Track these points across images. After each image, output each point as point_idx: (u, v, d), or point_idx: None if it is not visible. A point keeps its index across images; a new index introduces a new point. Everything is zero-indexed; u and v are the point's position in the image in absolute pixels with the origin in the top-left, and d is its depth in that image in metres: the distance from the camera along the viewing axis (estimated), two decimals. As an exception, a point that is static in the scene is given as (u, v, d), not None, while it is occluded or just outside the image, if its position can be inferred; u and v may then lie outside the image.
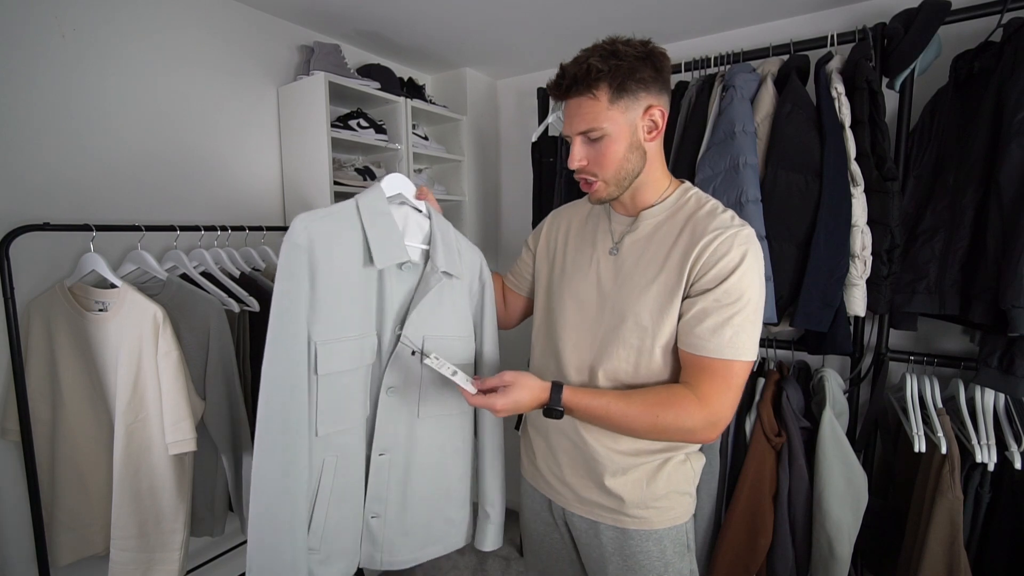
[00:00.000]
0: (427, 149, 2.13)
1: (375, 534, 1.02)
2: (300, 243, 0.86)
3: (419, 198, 1.03)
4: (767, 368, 1.70)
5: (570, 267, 1.04)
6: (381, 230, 0.93)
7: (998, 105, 1.27)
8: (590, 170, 0.92)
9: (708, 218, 0.90)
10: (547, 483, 1.06)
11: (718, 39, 1.93)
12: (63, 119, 1.34)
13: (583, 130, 0.89)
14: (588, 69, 0.85)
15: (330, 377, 0.90)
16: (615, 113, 0.87)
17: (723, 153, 1.45)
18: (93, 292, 1.26)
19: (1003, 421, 1.35)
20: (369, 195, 0.96)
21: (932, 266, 1.37)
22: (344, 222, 0.92)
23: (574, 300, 1.00)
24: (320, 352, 0.88)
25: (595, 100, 0.87)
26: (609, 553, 0.98)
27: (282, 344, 0.86)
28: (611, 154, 0.89)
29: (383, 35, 1.96)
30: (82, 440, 1.26)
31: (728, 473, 1.55)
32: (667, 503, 0.97)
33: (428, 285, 0.98)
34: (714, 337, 0.84)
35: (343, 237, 0.91)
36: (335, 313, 0.90)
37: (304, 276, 0.86)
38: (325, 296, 0.88)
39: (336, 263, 0.89)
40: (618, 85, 0.86)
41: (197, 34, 1.60)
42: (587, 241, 1.03)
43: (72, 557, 1.26)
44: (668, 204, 0.95)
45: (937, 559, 1.31)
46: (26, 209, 1.28)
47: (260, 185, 1.80)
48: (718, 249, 0.85)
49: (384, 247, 0.93)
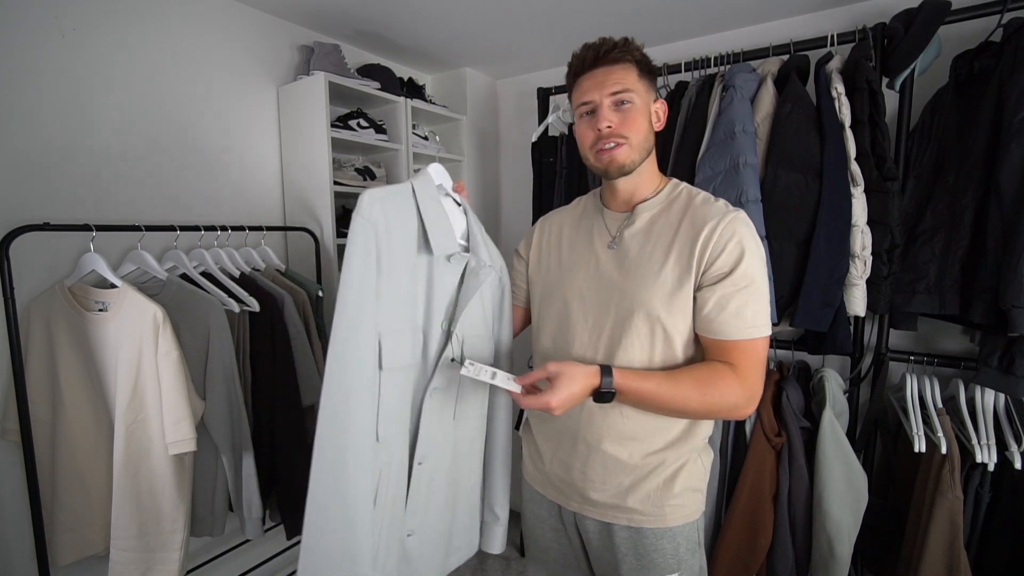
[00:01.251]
0: (427, 149, 2.13)
1: (410, 553, 0.94)
2: (372, 219, 0.80)
3: (458, 190, 1.01)
4: (767, 368, 1.70)
5: (569, 265, 1.03)
6: (437, 217, 0.89)
7: (998, 105, 1.27)
8: (620, 131, 0.92)
9: (704, 207, 0.93)
10: (557, 489, 1.04)
11: (718, 39, 1.93)
12: (63, 119, 1.34)
13: (616, 91, 0.91)
14: (627, 43, 0.91)
15: (392, 372, 0.83)
16: (642, 88, 0.93)
17: (723, 153, 1.45)
18: (93, 292, 1.26)
19: (1003, 421, 1.35)
20: (421, 180, 0.92)
21: (932, 266, 1.36)
22: (403, 204, 0.87)
23: (578, 298, 0.99)
24: (384, 343, 0.81)
25: (628, 69, 0.91)
26: (623, 554, 0.97)
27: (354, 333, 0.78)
28: (638, 120, 0.92)
29: (383, 35, 1.96)
30: (82, 440, 1.26)
31: (728, 473, 1.55)
32: (681, 500, 0.96)
33: (479, 279, 0.93)
34: (737, 320, 0.87)
35: (403, 219, 0.86)
36: (395, 299, 0.83)
37: (373, 252, 0.80)
38: (388, 280, 0.82)
39: (396, 245, 0.84)
40: (646, 67, 0.94)
41: (197, 34, 1.61)
42: (583, 239, 1.04)
43: (72, 557, 1.26)
44: (662, 197, 0.98)
45: (937, 559, 1.31)
46: (26, 209, 1.28)
47: (260, 185, 1.80)
48: (723, 236, 0.88)
49: (441, 235, 0.89)
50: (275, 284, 1.55)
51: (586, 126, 0.94)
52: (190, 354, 1.28)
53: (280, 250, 1.85)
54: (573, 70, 0.96)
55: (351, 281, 0.78)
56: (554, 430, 1.03)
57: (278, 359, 1.47)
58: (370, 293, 0.79)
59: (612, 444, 0.95)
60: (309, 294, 1.63)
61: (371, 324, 0.79)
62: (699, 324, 0.90)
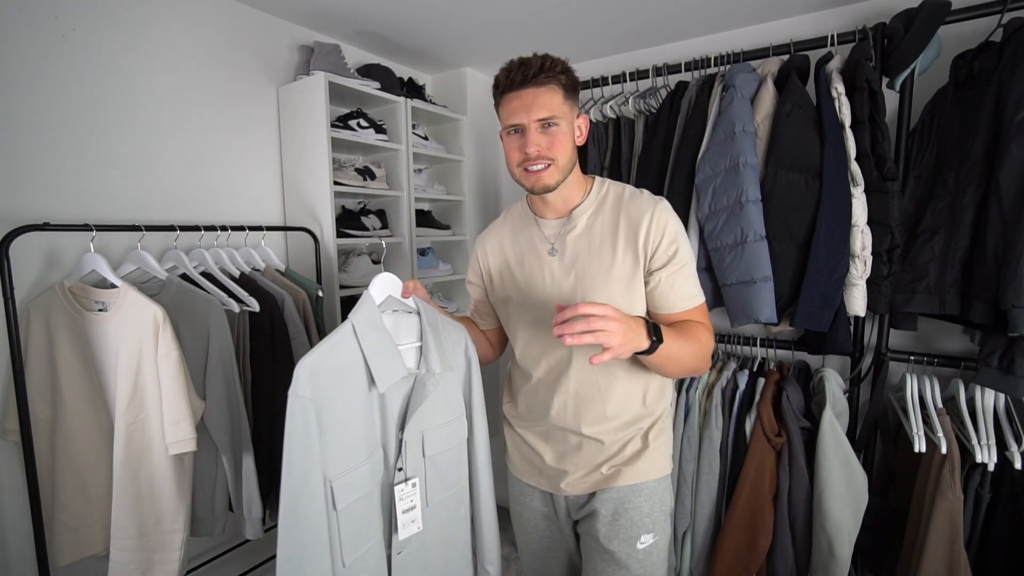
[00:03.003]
0: (427, 149, 2.13)
1: None
2: (309, 394, 0.85)
3: (405, 295, 1.02)
4: (767, 368, 1.70)
5: (525, 281, 1.10)
6: (380, 351, 0.93)
7: (998, 105, 1.27)
8: (548, 155, 0.98)
9: (634, 201, 1.04)
10: (549, 478, 1.12)
11: (718, 39, 1.93)
12: (63, 119, 1.34)
13: (543, 117, 0.96)
14: (553, 63, 0.95)
15: (349, 508, 0.90)
16: (567, 108, 0.99)
17: (723, 153, 1.45)
18: (93, 292, 1.26)
19: (1003, 421, 1.35)
20: (362, 311, 0.95)
21: (932, 266, 1.36)
22: (344, 352, 0.91)
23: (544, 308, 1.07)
24: (336, 488, 0.88)
25: (554, 92, 0.96)
26: (603, 519, 1.07)
27: (302, 494, 0.85)
28: (563, 142, 0.99)
29: (383, 35, 1.96)
30: (82, 440, 1.26)
31: (728, 473, 1.55)
32: (656, 455, 1.09)
33: (425, 390, 0.98)
34: (685, 295, 1.01)
35: (345, 370, 0.91)
36: (345, 445, 0.89)
37: (313, 424, 0.85)
38: (334, 434, 0.88)
39: (340, 398, 0.89)
40: (569, 86, 0.99)
41: (197, 34, 1.60)
42: (529, 252, 1.10)
43: (72, 557, 1.26)
44: (592, 198, 1.07)
45: (937, 559, 1.31)
46: (26, 209, 1.28)
47: (260, 185, 1.80)
48: (659, 225, 1.00)
49: (385, 370, 0.93)
50: (275, 284, 1.55)
51: (514, 145, 1.00)
52: (190, 354, 1.27)
53: (280, 250, 1.85)
54: (500, 88, 0.99)
55: (293, 454, 0.84)
56: (541, 424, 1.12)
57: (278, 359, 1.47)
58: (313, 459, 0.85)
59: (592, 430, 1.06)
60: (309, 294, 1.63)
61: (318, 478, 0.86)
62: (652, 303, 1.03)
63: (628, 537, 1.06)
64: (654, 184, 1.66)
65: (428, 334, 1.02)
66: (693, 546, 1.58)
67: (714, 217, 1.47)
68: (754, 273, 1.40)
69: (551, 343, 1.06)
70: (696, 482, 1.57)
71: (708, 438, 1.55)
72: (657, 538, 1.08)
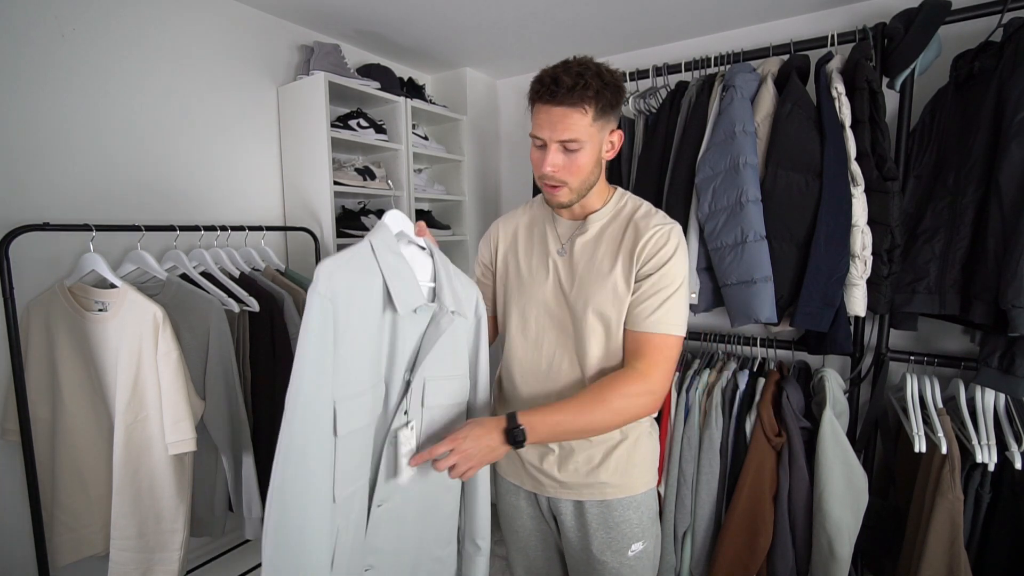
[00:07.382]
0: (427, 149, 2.13)
1: None
2: (330, 293, 0.80)
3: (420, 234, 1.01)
4: (767, 368, 1.70)
5: (528, 274, 1.10)
6: (399, 273, 0.90)
7: (998, 105, 1.27)
8: (560, 177, 0.98)
9: (647, 218, 1.03)
10: (534, 479, 1.12)
11: (718, 39, 1.93)
12: (63, 119, 1.34)
13: (565, 139, 0.94)
14: (586, 85, 0.91)
15: (348, 436, 0.85)
16: (595, 130, 0.95)
17: (723, 153, 1.45)
18: (93, 292, 1.26)
19: (1003, 421, 1.35)
20: (379, 234, 0.91)
21: (932, 266, 1.36)
22: (363, 267, 0.87)
23: (541, 304, 1.07)
24: (340, 411, 0.82)
25: (584, 115, 0.93)
26: (594, 529, 1.07)
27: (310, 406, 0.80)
28: (583, 165, 0.97)
29: (383, 35, 1.96)
30: (82, 440, 1.26)
31: (728, 473, 1.55)
32: (641, 469, 1.08)
33: (440, 328, 0.95)
34: (652, 314, 0.97)
35: (363, 283, 0.87)
36: (354, 366, 0.85)
37: (330, 325, 0.80)
38: (347, 350, 0.83)
39: (356, 312, 0.84)
40: (603, 105, 0.94)
41: (197, 34, 1.60)
42: (538, 247, 1.10)
43: (72, 557, 1.26)
44: (610, 207, 1.06)
45: (937, 559, 1.31)
46: (26, 209, 1.28)
47: (260, 185, 1.80)
48: (657, 242, 0.99)
49: (404, 292, 0.89)
50: (275, 284, 1.55)
51: (536, 155, 1.00)
52: (190, 354, 1.27)
53: (280, 250, 1.85)
54: (533, 93, 0.96)
55: (307, 356, 0.79)
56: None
57: (278, 359, 1.47)
58: (326, 366, 0.81)
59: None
60: (309, 294, 1.63)
61: (327, 394, 0.81)
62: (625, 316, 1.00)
63: (620, 548, 1.07)
64: (654, 184, 1.66)
65: (442, 274, 0.99)
66: (693, 546, 1.58)
67: (714, 217, 1.47)
68: (754, 273, 1.40)
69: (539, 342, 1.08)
70: (696, 482, 1.57)
71: (708, 438, 1.55)
72: (647, 544, 1.09)
